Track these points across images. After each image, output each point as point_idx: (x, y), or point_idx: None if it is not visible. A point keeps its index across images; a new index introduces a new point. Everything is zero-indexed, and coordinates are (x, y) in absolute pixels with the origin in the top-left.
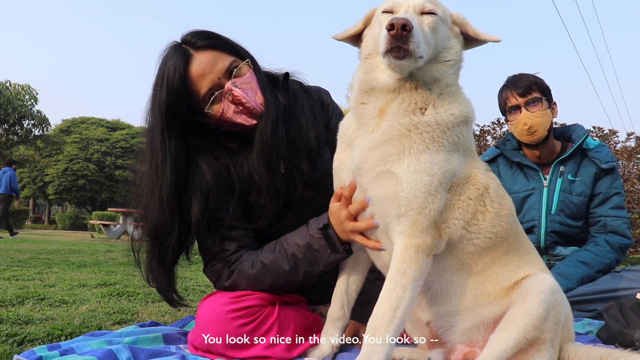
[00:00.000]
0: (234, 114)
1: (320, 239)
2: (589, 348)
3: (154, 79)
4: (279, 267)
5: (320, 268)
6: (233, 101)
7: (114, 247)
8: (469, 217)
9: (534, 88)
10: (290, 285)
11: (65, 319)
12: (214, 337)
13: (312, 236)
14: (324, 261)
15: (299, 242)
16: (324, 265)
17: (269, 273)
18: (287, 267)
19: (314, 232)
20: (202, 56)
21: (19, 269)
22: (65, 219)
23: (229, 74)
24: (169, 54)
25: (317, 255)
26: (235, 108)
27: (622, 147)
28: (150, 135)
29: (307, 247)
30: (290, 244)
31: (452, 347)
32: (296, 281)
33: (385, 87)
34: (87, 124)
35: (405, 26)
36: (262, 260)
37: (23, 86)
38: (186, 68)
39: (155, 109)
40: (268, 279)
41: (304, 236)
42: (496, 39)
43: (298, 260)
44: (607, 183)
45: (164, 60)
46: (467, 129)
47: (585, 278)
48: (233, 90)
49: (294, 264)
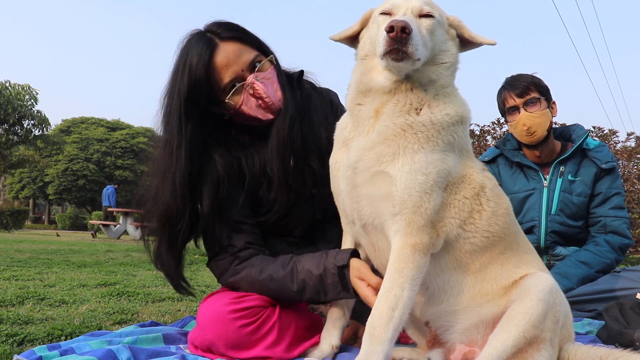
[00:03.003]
0: (253, 107)
1: (334, 275)
2: (589, 348)
3: (175, 64)
4: (286, 286)
5: (326, 299)
6: (254, 95)
7: (114, 247)
8: (465, 216)
9: (532, 88)
10: (290, 301)
11: (65, 319)
12: (215, 338)
13: (327, 269)
14: (332, 296)
15: (313, 271)
16: (330, 298)
17: (274, 286)
18: (294, 289)
19: (330, 265)
20: (228, 47)
21: (19, 269)
22: (65, 219)
23: (252, 67)
24: (193, 41)
25: (327, 288)
26: (255, 102)
27: (622, 147)
28: (167, 119)
29: (319, 278)
30: (303, 269)
31: (451, 346)
32: (298, 300)
33: (381, 88)
34: (87, 124)
35: (405, 29)
36: (272, 273)
37: (23, 86)
38: (211, 57)
39: (174, 95)
40: (272, 292)
41: (319, 266)
42: (491, 41)
43: (307, 286)
44: (607, 183)
45: (187, 46)
46: (463, 128)
47: (585, 278)
48: (255, 84)
49: (301, 288)
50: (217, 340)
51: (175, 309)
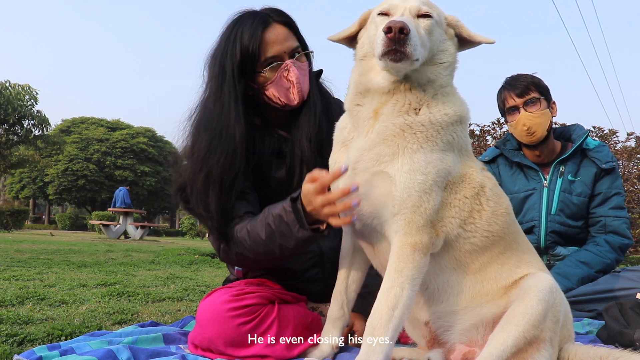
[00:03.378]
0: (283, 88)
1: (290, 213)
2: (589, 348)
3: (226, 31)
4: (258, 234)
5: (293, 242)
6: (287, 77)
7: (114, 247)
8: (464, 215)
9: (532, 88)
10: (270, 255)
11: (65, 319)
12: (214, 335)
13: (284, 208)
14: (294, 237)
15: (274, 213)
16: (295, 241)
17: (249, 239)
18: (264, 236)
19: (287, 204)
20: (278, 27)
21: (19, 269)
22: (65, 219)
23: (291, 54)
24: (247, 15)
25: (287, 229)
26: (286, 83)
27: (622, 147)
28: (220, 78)
29: (279, 218)
30: (268, 214)
31: (451, 346)
32: (274, 252)
33: (380, 88)
34: (87, 124)
35: (403, 29)
36: (247, 226)
37: (23, 86)
38: (263, 30)
39: (227, 57)
40: (248, 245)
41: (279, 207)
42: (490, 40)
43: (273, 231)
44: (607, 183)
45: (241, 18)
46: (462, 128)
47: (585, 278)
48: (291, 68)
49: (269, 234)
50: (216, 338)
51: (175, 309)
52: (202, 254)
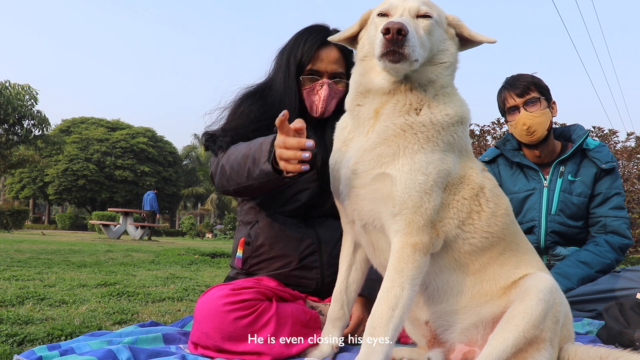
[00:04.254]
0: (309, 98)
1: (268, 144)
2: (589, 348)
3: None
4: (240, 151)
5: (257, 171)
6: (318, 92)
7: (114, 247)
8: (463, 216)
9: (532, 88)
10: (239, 177)
11: (65, 319)
12: (211, 330)
13: (267, 139)
14: (259, 166)
15: (259, 140)
16: (259, 171)
17: (234, 153)
18: (243, 152)
19: (271, 137)
20: (333, 49)
21: (19, 269)
22: (65, 219)
23: (332, 76)
24: (317, 28)
25: (259, 157)
26: (314, 96)
27: (622, 147)
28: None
29: (259, 145)
30: (255, 140)
31: (451, 346)
32: (242, 174)
33: (380, 89)
34: (87, 124)
35: (400, 30)
36: (239, 144)
37: (23, 86)
38: (320, 45)
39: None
40: (232, 159)
41: (265, 138)
42: (491, 40)
43: (250, 153)
44: (607, 183)
45: (313, 27)
46: (463, 129)
47: (585, 278)
48: (324, 87)
49: (246, 155)
50: (213, 333)
51: (175, 309)
52: (202, 254)
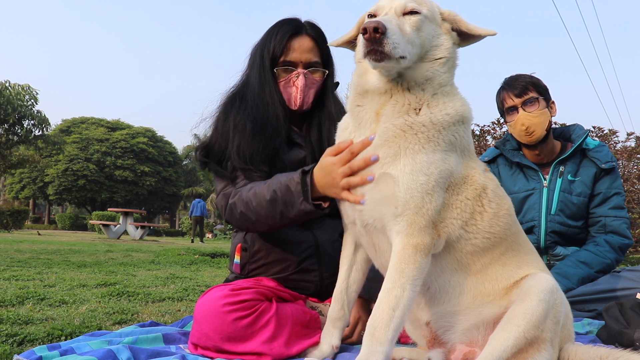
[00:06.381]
0: (286, 91)
1: (297, 184)
2: (589, 348)
3: (270, 29)
4: (263, 196)
5: (294, 213)
6: (295, 83)
7: (114, 247)
8: (466, 217)
9: (530, 88)
10: (270, 220)
11: (65, 319)
12: (211, 331)
13: (293, 179)
14: (296, 207)
15: (282, 181)
16: (296, 211)
17: (255, 200)
18: (268, 198)
19: (296, 175)
20: (305, 39)
21: (19, 269)
22: (65, 219)
23: (308, 66)
24: (289, 21)
25: (292, 199)
26: (291, 87)
27: (622, 147)
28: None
29: (286, 187)
30: (276, 180)
31: (452, 347)
32: (274, 218)
33: (376, 89)
34: (87, 124)
35: (377, 29)
36: (255, 188)
37: (23, 86)
38: (291, 36)
39: (265, 50)
40: (252, 206)
41: (288, 176)
42: (491, 32)
43: (277, 197)
44: (607, 183)
45: (283, 21)
46: (464, 128)
47: (585, 278)
48: (300, 77)
49: (273, 199)
50: (212, 333)
51: (175, 309)
52: (202, 254)
